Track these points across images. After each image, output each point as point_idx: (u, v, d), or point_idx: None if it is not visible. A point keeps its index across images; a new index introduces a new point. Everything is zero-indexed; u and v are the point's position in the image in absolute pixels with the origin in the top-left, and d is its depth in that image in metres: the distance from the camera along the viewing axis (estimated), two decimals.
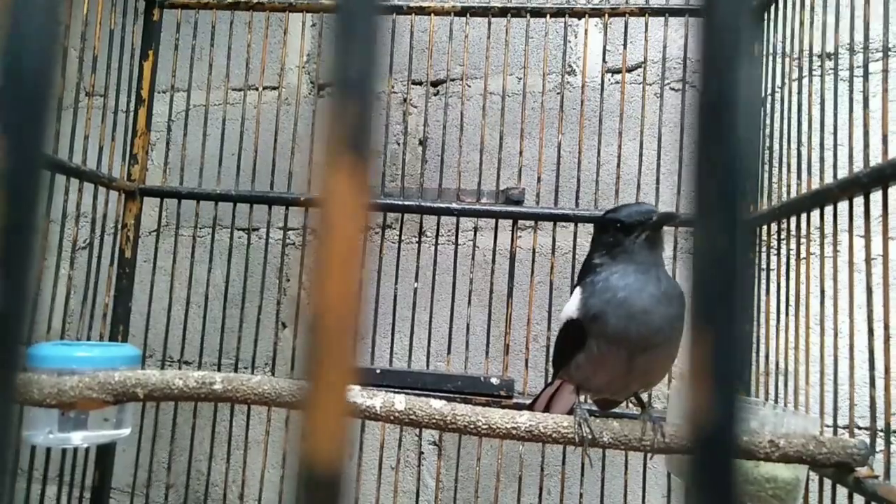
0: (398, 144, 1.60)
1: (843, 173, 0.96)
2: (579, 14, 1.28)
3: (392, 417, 0.84)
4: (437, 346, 1.43)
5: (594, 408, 1.07)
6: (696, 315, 0.17)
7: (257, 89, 1.46)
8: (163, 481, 1.59)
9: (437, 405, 0.84)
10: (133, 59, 1.40)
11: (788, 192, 1.10)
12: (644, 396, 1.07)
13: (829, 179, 1.00)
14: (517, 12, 1.30)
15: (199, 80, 1.52)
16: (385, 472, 1.46)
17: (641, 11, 1.26)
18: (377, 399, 0.84)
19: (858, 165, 0.93)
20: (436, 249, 1.33)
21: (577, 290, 0.88)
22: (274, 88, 1.68)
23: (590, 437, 0.83)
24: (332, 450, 0.16)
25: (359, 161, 0.18)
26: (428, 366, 1.33)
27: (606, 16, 1.27)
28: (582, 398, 0.92)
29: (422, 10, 1.32)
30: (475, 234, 1.32)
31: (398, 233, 1.49)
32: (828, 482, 0.91)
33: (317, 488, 0.16)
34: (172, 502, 1.65)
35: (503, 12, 1.30)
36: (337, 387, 0.17)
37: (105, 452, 1.34)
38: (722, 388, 0.16)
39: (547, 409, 1.04)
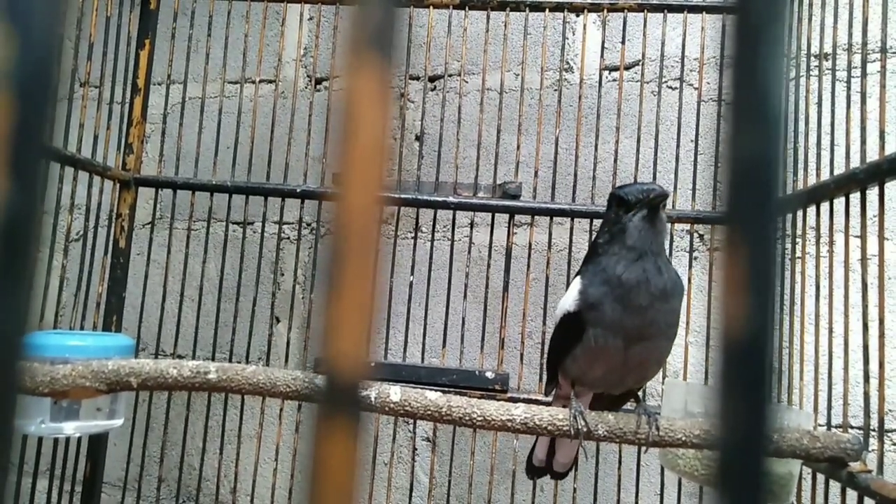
0: (394, 139, 1.59)
1: (839, 172, 0.97)
2: (578, 8, 1.28)
3: (387, 409, 0.83)
4: (432, 341, 1.43)
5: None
6: (731, 227, 0.16)
7: (254, 82, 1.45)
8: (154, 475, 1.58)
9: (432, 397, 0.84)
10: (129, 48, 1.39)
11: (784, 189, 1.10)
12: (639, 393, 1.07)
13: (825, 178, 1.00)
14: (516, 6, 1.30)
15: (195, 72, 1.51)
16: (378, 467, 1.45)
17: (640, 7, 1.26)
18: (371, 390, 0.84)
19: (855, 164, 0.93)
20: (432, 245, 1.33)
21: (577, 280, 0.88)
22: (271, 82, 1.68)
23: (585, 429, 0.82)
24: (354, 356, 0.16)
25: (383, 60, 0.17)
26: (423, 360, 1.32)
27: (605, 10, 1.28)
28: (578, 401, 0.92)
29: (420, 3, 1.32)
30: (471, 230, 1.32)
31: (394, 228, 1.49)
32: (821, 476, 0.91)
33: (339, 394, 0.16)
34: (164, 496, 1.64)
35: (502, 6, 1.30)
36: (359, 292, 0.17)
37: (97, 443, 1.34)
38: (757, 299, 0.16)
39: (550, 458, 1.05)
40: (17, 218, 0.17)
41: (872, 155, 0.90)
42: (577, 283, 0.87)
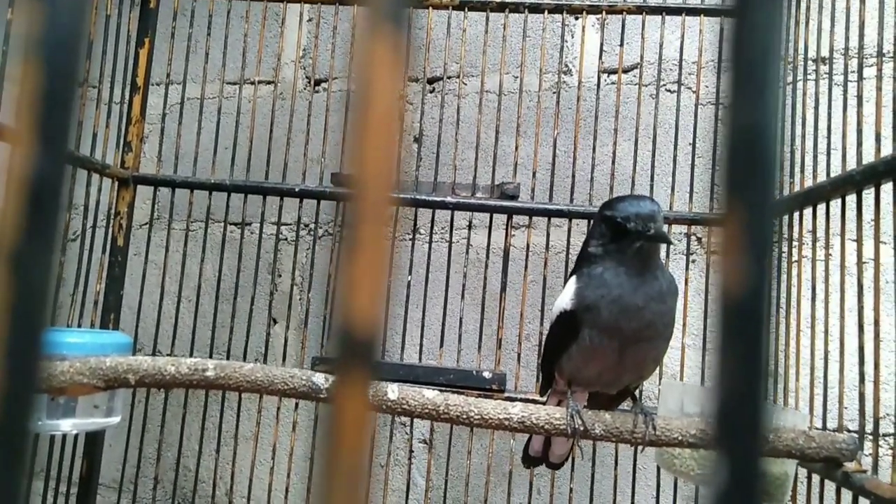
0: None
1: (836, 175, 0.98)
2: (577, 10, 1.29)
3: (384, 407, 0.83)
4: (429, 342, 1.43)
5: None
6: (729, 187, 0.17)
7: (253, 83, 1.46)
8: (150, 477, 1.58)
9: (429, 395, 0.84)
10: (129, 47, 1.39)
11: (781, 191, 1.11)
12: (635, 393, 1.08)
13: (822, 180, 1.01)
14: (515, 7, 1.30)
15: (194, 72, 1.51)
16: (375, 469, 1.45)
17: (639, 10, 1.27)
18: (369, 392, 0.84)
19: (852, 168, 0.94)
20: (430, 246, 1.33)
21: (573, 279, 0.88)
22: (269, 82, 1.68)
23: (581, 428, 0.83)
24: (369, 308, 0.17)
25: (398, 31, 0.18)
26: (420, 360, 1.32)
27: (604, 13, 1.28)
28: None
29: (419, 4, 1.33)
30: (469, 231, 1.32)
31: (392, 229, 1.49)
32: (816, 477, 0.91)
33: (355, 349, 0.17)
34: (160, 498, 1.63)
35: (501, 7, 1.31)
36: (374, 245, 0.17)
37: (94, 442, 1.33)
38: (754, 257, 0.16)
39: (546, 449, 1.05)
40: (45, 181, 0.18)
41: (869, 158, 0.91)
42: (572, 284, 0.87)
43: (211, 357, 1.34)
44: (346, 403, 0.17)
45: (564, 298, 0.88)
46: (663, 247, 1.11)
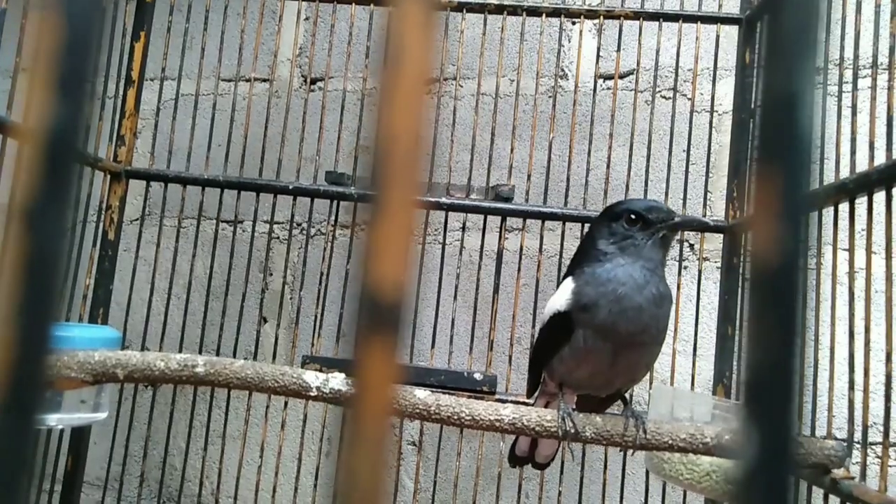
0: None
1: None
2: (575, 14, 1.29)
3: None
4: (420, 343, 1.43)
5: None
6: (764, 153, 0.17)
7: (249, 80, 1.45)
8: (135, 475, 1.57)
9: (420, 395, 0.83)
10: (124, 41, 1.39)
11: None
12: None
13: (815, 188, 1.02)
14: (513, 10, 1.31)
15: (189, 68, 1.51)
16: None
17: (636, 15, 1.28)
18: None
19: (844, 177, 0.94)
20: (423, 248, 1.33)
21: (568, 280, 0.88)
22: (265, 80, 1.68)
23: (573, 430, 0.82)
24: (396, 274, 0.17)
25: None
26: (411, 360, 1.32)
27: (601, 17, 1.29)
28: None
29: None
30: (462, 234, 1.32)
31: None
32: (804, 483, 0.92)
33: (380, 314, 0.17)
34: (145, 497, 1.62)
35: (499, 9, 1.31)
36: (402, 211, 0.17)
37: (80, 438, 1.32)
38: (789, 223, 0.16)
39: (532, 450, 1.05)
40: (61, 134, 0.18)
41: (862, 168, 0.91)
42: (568, 284, 0.87)
43: (200, 354, 1.33)
44: (370, 371, 0.17)
45: (559, 298, 0.87)
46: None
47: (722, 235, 1.27)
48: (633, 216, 0.85)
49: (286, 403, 1.30)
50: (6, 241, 0.17)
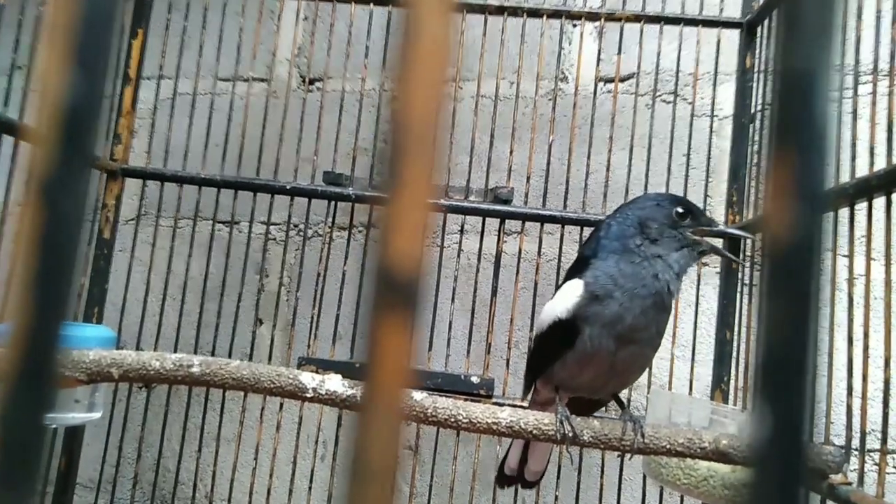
0: (386, 143, 1.59)
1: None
2: (576, 16, 1.29)
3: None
4: (417, 345, 1.42)
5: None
6: (779, 134, 0.16)
7: (246, 80, 1.44)
8: (129, 477, 1.55)
9: (418, 397, 0.83)
10: (122, 39, 1.38)
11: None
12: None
13: None
14: (514, 11, 1.30)
15: (186, 67, 1.50)
16: None
17: (637, 18, 1.27)
18: (358, 389, 0.83)
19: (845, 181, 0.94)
20: None
21: (575, 280, 0.86)
22: (263, 80, 1.67)
23: (571, 434, 0.82)
24: (410, 248, 0.16)
25: None
26: None
27: (602, 20, 1.29)
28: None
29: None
30: (461, 237, 1.31)
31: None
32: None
33: (396, 289, 0.16)
34: (138, 500, 1.61)
35: (500, 10, 1.31)
36: (418, 183, 0.17)
37: (73, 438, 1.31)
38: (805, 202, 0.16)
39: (522, 466, 1.05)
40: (79, 106, 0.17)
41: (862, 174, 0.91)
42: (575, 283, 0.86)
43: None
44: (385, 345, 0.17)
45: (560, 306, 0.86)
46: None
47: (721, 240, 1.26)
48: (682, 210, 0.85)
49: (281, 405, 1.29)
50: (24, 213, 0.17)
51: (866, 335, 0.85)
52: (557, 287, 1.02)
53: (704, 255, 0.89)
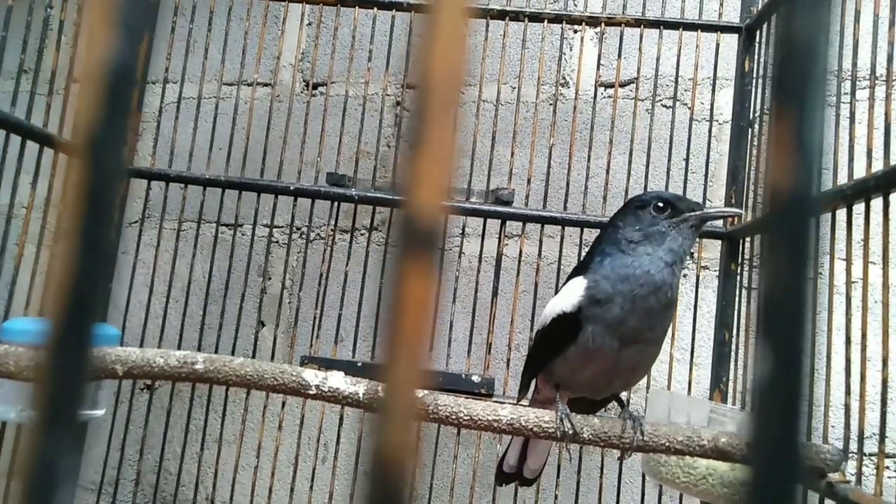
0: (388, 147, 1.60)
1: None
2: (576, 21, 1.31)
3: (375, 405, 0.83)
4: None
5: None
6: (781, 93, 0.18)
7: (251, 84, 1.46)
8: (130, 479, 1.56)
9: (419, 394, 0.83)
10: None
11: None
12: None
13: None
14: (515, 16, 1.32)
15: (191, 71, 1.52)
16: (359, 477, 1.44)
17: (637, 23, 1.29)
18: (360, 386, 0.84)
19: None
20: None
21: (578, 279, 0.87)
22: (267, 85, 1.69)
23: (571, 432, 0.82)
24: (432, 202, 0.18)
25: None
26: None
27: (603, 24, 1.30)
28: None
29: (418, 10, 1.34)
30: (462, 239, 1.33)
31: (384, 235, 1.49)
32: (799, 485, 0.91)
33: (419, 237, 0.18)
34: (140, 502, 1.61)
35: (501, 15, 1.32)
36: (440, 142, 0.18)
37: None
38: (803, 155, 0.17)
39: (521, 463, 1.05)
40: (120, 68, 0.19)
41: (859, 176, 0.92)
42: (579, 282, 0.87)
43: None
44: (409, 283, 0.19)
45: (566, 298, 0.87)
46: None
47: (720, 243, 1.27)
48: (661, 203, 0.86)
49: (283, 405, 1.30)
50: (70, 165, 0.18)
51: (864, 337, 0.86)
52: (557, 290, 1.03)
53: (697, 229, 0.89)
